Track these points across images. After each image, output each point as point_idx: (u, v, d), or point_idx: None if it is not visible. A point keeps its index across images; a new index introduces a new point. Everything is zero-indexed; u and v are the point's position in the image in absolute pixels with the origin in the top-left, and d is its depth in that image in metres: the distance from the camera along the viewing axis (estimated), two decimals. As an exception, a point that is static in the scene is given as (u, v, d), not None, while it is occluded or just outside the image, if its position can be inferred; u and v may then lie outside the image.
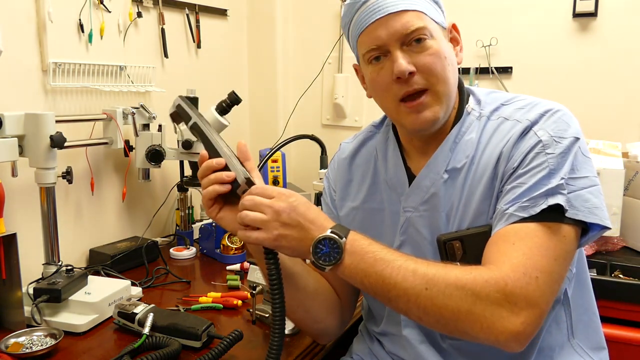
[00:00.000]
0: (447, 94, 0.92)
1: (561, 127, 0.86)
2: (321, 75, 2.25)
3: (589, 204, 0.83)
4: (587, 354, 0.98)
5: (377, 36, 0.90)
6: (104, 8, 1.62)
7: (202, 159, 0.91)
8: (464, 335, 0.81)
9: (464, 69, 2.03)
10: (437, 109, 0.91)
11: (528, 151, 0.86)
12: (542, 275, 0.78)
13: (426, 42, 0.89)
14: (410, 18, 0.89)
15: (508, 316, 0.76)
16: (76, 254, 1.60)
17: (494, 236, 0.85)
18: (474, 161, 0.92)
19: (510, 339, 0.76)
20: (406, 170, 1.01)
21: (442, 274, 0.79)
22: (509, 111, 0.93)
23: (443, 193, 0.94)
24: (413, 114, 0.92)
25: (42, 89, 1.49)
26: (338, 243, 0.83)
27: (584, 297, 0.99)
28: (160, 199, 1.87)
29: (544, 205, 0.81)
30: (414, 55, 0.89)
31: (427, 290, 0.79)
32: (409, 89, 0.90)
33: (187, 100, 0.98)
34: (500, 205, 0.86)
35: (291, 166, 2.29)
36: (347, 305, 1.10)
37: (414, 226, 0.97)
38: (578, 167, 0.85)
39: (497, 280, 0.77)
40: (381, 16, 0.89)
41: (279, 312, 0.87)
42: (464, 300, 0.77)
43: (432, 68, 0.90)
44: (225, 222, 0.91)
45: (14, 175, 1.31)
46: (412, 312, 0.82)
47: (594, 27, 1.87)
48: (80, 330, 1.17)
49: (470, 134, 0.94)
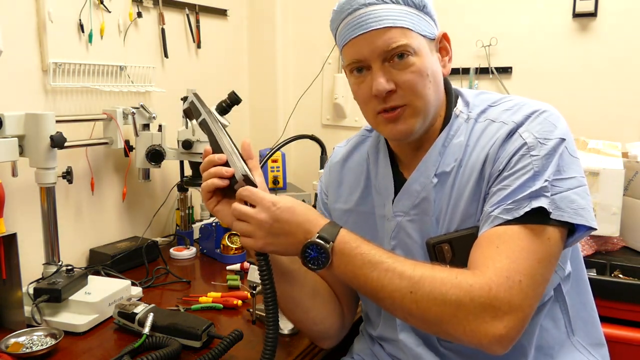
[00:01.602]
0: (425, 108, 0.92)
1: (547, 129, 0.86)
2: (321, 75, 2.25)
3: (575, 205, 0.83)
4: (588, 350, 0.98)
5: (359, 50, 0.90)
6: (104, 8, 1.63)
7: (206, 153, 0.93)
8: (448, 337, 0.83)
9: (463, 69, 2.03)
10: (413, 122, 0.92)
11: (513, 154, 0.86)
12: (525, 278, 0.79)
13: (408, 58, 0.89)
14: (394, 35, 0.88)
15: (491, 320, 0.77)
16: (76, 254, 1.60)
17: (480, 239, 0.86)
18: (461, 164, 0.92)
19: (493, 343, 0.77)
20: (398, 175, 1.01)
21: (428, 276, 0.80)
22: (496, 113, 0.93)
23: (433, 197, 0.94)
24: (390, 124, 0.93)
25: (42, 89, 1.49)
26: (324, 248, 0.84)
27: (581, 294, 0.99)
28: (160, 199, 1.87)
29: (527, 207, 0.82)
30: (395, 72, 0.89)
31: (412, 294, 0.80)
32: (386, 106, 0.91)
33: (199, 96, 0.99)
34: (486, 208, 0.87)
35: (291, 166, 2.30)
36: (348, 308, 1.10)
37: (405, 230, 0.98)
38: (564, 168, 0.85)
39: (482, 285, 0.78)
40: (364, 32, 0.89)
41: (272, 311, 0.89)
42: (448, 304, 0.78)
43: (413, 86, 0.89)
44: (222, 215, 0.93)
45: (14, 175, 1.31)
46: (398, 313, 0.85)
47: (594, 27, 1.87)
48: (80, 330, 1.17)
49: (459, 137, 0.94)
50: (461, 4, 2.02)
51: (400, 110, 0.91)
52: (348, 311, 1.10)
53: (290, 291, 0.98)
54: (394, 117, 0.91)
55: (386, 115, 0.92)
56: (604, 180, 1.54)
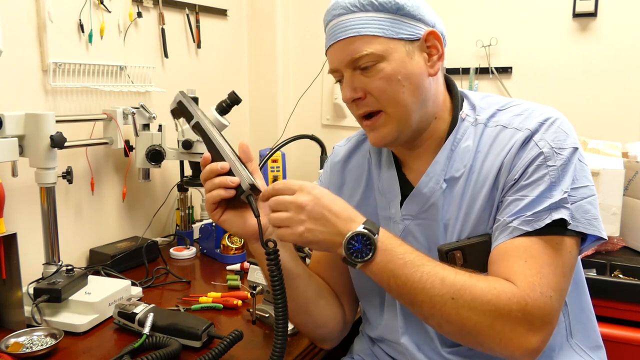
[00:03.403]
0: (400, 115, 0.91)
1: (560, 137, 0.87)
2: (321, 75, 2.25)
3: (589, 215, 0.85)
4: (587, 353, 0.98)
5: (332, 61, 0.95)
6: (104, 8, 1.63)
7: (205, 161, 0.90)
8: (479, 347, 0.83)
9: (463, 69, 2.03)
10: (390, 128, 0.92)
11: (529, 163, 0.86)
12: (555, 293, 0.81)
13: (376, 66, 0.89)
14: (357, 45, 0.89)
15: (526, 334, 0.79)
16: (76, 253, 1.60)
17: (501, 250, 0.85)
18: (472, 170, 0.92)
19: (525, 355, 0.80)
20: (401, 175, 1.01)
21: (469, 285, 0.80)
22: (507, 118, 0.92)
23: (442, 202, 0.94)
24: (370, 132, 0.95)
25: (42, 89, 1.49)
26: (371, 240, 0.83)
27: (580, 297, 0.99)
28: (160, 199, 1.87)
29: (548, 219, 0.82)
30: (364, 79, 0.90)
31: (454, 300, 0.80)
32: (360, 112, 0.93)
33: (187, 96, 0.97)
34: (503, 217, 0.86)
35: (291, 166, 2.29)
36: (349, 309, 1.10)
37: (413, 234, 0.97)
38: (578, 177, 0.86)
39: (519, 299, 0.79)
40: (334, 42, 0.92)
41: (282, 313, 0.87)
42: (488, 315, 0.79)
43: (382, 92, 0.90)
44: (229, 224, 0.91)
45: (14, 175, 1.31)
46: (434, 319, 0.83)
47: (594, 27, 1.87)
48: (80, 330, 1.17)
49: (467, 141, 0.94)
50: (461, 4, 2.02)
51: (376, 117, 0.92)
52: (349, 312, 1.10)
53: (294, 295, 0.97)
54: (371, 125, 0.94)
55: (365, 122, 0.95)
56: (604, 180, 1.54)
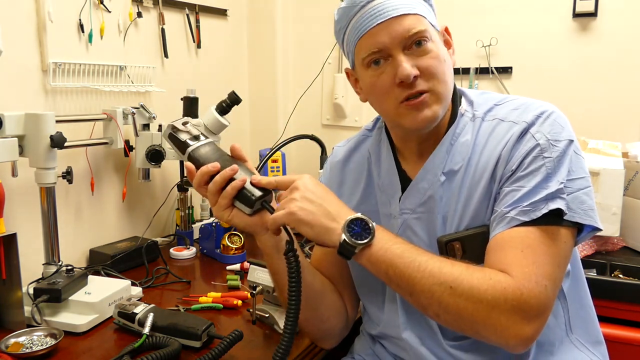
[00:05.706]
0: (446, 94, 0.93)
1: (556, 130, 0.88)
2: (321, 75, 2.25)
3: (585, 205, 0.86)
4: (587, 348, 0.99)
5: (378, 40, 0.90)
6: (104, 8, 1.63)
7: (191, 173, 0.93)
8: (476, 336, 0.85)
9: (463, 69, 2.03)
10: (436, 108, 0.92)
11: (526, 154, 0.87)
12: (549, 282, 0.82)
13: (427, 45, 0.90)
14: (412, 21, 0.89)
15: (520, 323, 0.80)
16: (76, 254, 1.60)
17: (498, 239, 0.86)
18: (470, 163, 0.93)
19: (519, 344, 0.81)
20: (401, 172, 1.02)
21: (466, 275, 0.82)
22: (504, 112, 0.94)
23: (440, 195, 0.95)
24: (413, 112, 0.92)
25: (42, 89, 1.49)
26: (369, 224, 0.85)
27: (579, 292, 1.00)
28: (160, 199, 1.87)
29: (544, 209, 0.83)
30: (416, 58, 0.90)
31: (452, 290, 0.81)
32: (412, 91, 0.90)
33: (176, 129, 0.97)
34: (500, 208, 0.88)
35: (291, 166, 2.29)
36: (350, 305, 1.11)
37: (411, 228, 0.98)
38: (573, 168, 0.87)
39: (514, 289, 0.80)
40: (382, 20, 0.89)
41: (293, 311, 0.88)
42: (485, 303, 0.80)
43: (434, 71, 0.90)
44: (237, 219, 0.93)
45: (14, 175, 1.31)
46: (432, 308, 0.84)
47: (594, 27, 1.87)
48: (80, 330, 1.17)
49: (465, 135, 0.95)
50: (461, 4, 2.02)
51: (425, 96, 0.91)
52: (351, 309, 1.11)
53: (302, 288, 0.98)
54: (420, 104, 0.91)
55: (412, 102, 0.91)
56: (604, 180, 1.54)
